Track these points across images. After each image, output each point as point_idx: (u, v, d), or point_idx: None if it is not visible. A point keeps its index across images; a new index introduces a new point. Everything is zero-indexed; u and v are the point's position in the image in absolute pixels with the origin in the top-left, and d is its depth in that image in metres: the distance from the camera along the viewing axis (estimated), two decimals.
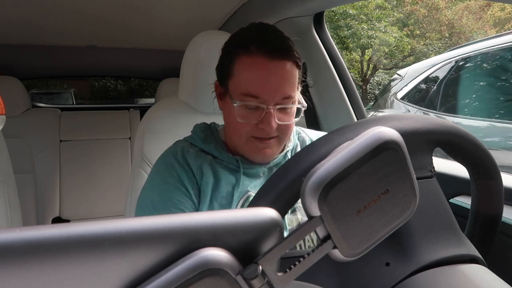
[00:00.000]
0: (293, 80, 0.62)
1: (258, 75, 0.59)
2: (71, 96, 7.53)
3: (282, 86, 0.60)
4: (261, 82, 0.59)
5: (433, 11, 10.87)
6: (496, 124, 1.98)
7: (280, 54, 0.60)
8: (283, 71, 0.60)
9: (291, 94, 0.61)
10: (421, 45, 10.80)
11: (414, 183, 0.28)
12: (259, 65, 0.59)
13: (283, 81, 0.60)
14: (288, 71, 0.60)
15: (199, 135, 0.69)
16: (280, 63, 0.60)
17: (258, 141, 0.63)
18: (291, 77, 0.61)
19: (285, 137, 0.65)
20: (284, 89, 0.60)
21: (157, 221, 0.20)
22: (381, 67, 11.21)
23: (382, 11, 9.96)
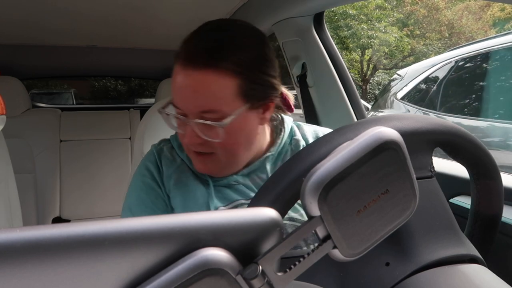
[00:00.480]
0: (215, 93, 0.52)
1: (176, 84, 0.54)
2: (71, 96, 7.54)
3: (198, 99, 0.52)
4: (178, 92, 0.54)
5: (433, 11, 10.87)
6: (496, 124, 1.99)
7: (196, 61, 0.52)
8: (199, 81, 0.52)
9: (213, 109, 0.52)
10: (421, 45, 10.81)
11: (414, 183, 0.28)
12: (177, 72, 0.54)
13: (199, 93, 0.52)
14: (208, 81, 0.52)
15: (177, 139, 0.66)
16: (198, 72, 0.52)
17: (193, 153, 0.58)
18: (211, 88, 0.52)
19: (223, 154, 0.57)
20: (199, 102, 0.52)
21: (157, 221, 0.20)
22: (381, 67, 11.22)
23: (382, 11, 9.97)
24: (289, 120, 0.69)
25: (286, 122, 0.68)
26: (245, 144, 0.59)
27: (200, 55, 0.52)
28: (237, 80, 0.53)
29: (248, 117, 0.56)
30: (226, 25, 0.58)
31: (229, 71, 0.52)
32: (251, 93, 0.54)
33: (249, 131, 0.58)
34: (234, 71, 0.52)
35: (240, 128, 0.56)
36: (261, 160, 0.62)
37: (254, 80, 0.55)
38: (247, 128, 0.57)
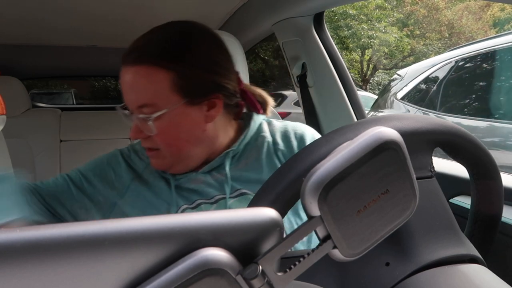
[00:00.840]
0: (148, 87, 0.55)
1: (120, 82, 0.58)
2: (71, 96, 7.54)
3: (132, 94, 0.56)
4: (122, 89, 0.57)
5: (433, 11, 10.87)
6: (496, 124, 1.99)
7: (128, 58, 0.56)
8: (133, 76, 0.55)
9: (146, 103, 0.55)
10: (421, 45, 10.81)
11: (414, 183, 0.28)
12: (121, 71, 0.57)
13: (132, 88, 0.56)
14: (139, 77, 0.55)
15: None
16: (131, 68, 0.55)
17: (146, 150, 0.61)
18: (143, 83, 0.55)
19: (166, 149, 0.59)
20: (133, 97, 0.56)
21: (157, 221, 0.20)
22: (381, 67, 11.22)
23: (382, 11, 9.97)
24: (258, 118, 0.69)
25: (254, 120, 0.68)
26: (189, 140, 0.59)
27: (133, 52, 0.56)
28: (170, 75, 0.55)
29: (188, 113, 0.57)
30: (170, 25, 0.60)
31: (161, 67, 0.54)
32: (188, 89, 0.56)
33: (190, 127, 0.59)
34: (166, 67, 0.55)
35: (178, 123, 0.57)
36: (220, 157, 0.63)
37: (191, 76, 0.56)
38: (187, 124, 0.58)
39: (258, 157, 0.63)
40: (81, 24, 1.35)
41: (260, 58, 7.09)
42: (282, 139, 0.66)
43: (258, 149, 0.65)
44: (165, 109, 0.55)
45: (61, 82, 8.89)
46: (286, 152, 0.64)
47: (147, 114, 0.55)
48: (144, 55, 0.56)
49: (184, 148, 0.60)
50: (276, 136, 0.66)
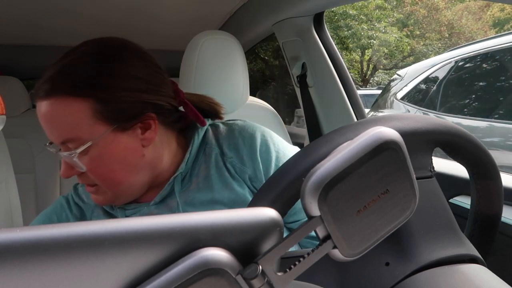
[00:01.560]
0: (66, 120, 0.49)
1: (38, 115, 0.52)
2: None
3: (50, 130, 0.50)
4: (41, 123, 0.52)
5: (433, 12, 10.88)
6: (496, 124, 1.99)
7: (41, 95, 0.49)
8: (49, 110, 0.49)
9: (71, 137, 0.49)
10: (420, 46, 10.81)
11: (414, 183, 0.28)
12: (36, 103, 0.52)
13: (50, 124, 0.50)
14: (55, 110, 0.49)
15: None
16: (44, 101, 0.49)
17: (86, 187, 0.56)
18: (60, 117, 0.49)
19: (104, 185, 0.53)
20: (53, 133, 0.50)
21: (157, 221, 0.20)
22: (381, 67, 11.23)
23: (382, 11, 9.97)
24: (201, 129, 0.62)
25: (198, 133, 0.61)
26: (128, 170, 0.53)
27: (45, 84, 0.49)
28: (89, 103, 0.49)
29: (119, 141, 0.51)
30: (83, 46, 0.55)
31: (76, 96, 0.49)
32: (113, 115, 0.50)
33: (125, 155, 0.52)
34: (82, 95, 0.49)
35: (110, 154, 0.51)
36: (169, 183, 0.57)
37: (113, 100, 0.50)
38: (120, 153, 0.52)
39: (207, 174, 0.59)
40: (81, 25, 1.35)
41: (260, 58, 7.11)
42: (230, 147, 0.60)
43: (207, 165, 0.59)
44: (90, 141, 0.49)
45: None
46: (236, 164, 0.59)
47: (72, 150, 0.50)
48: (56, 85, 0.49)
49: (123, 179, 0.53)
50: (224, 146, 0.61)
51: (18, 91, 1.70)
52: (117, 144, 0.52)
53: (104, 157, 0.51)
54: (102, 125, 0.50)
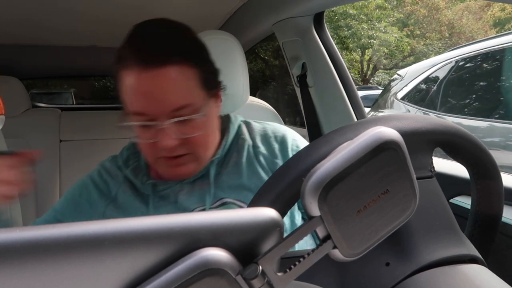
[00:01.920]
0: (184, 86, 0.51)
1: (136, 90, 0.51)
2: (71, 96, 7.54)
3: (167, 97, 0.50)
4: (141, 97, 0.51)
5: (433, 11, 10.87)
6: (496, 124, 1.99)
7: (155, 60, 0.50)
8: (163, 79, 0.50)
9: (186, 103, 0.51)
10: (421, 45, 10.81)
11: (414, 183, 0.28)
12: (134, 78, 0.50)
13: (168, 91, 0.50)
14: (174, 77, 0.50)
15: (123, 154, 0.65)
16: (160, 70, 0.50)
17: (167, 160, 0.55)
18: (179, 83, 0.51)
19: (199, 152, 0.56)
20: (171, 100, 0.51)
21: (157, 221, 0.20)
22: (381, 67, 11.22)
23: (382, 11, 9.97)
24: (236, 119, 0.66)
25: (232, 122, 0.65)
26: (213, 136, 0.58)
27: (157, 53, 0.50)
28: (196, 71, 0.53)
29: (211, 107, 0.56)
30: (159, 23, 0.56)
31: (187, 63, 0.52)
32: (208, 82, 0.55)
33: (213, 121, 0.58)
34: (190, 63, 0.52)
35: (209, 119, 0.56)
36: (206, 166, 0.60)
37: (207, 68, 0.55)
38: (213, 118, 0.57)
39: (238, 161, 0.61)
40: (81, 24, 1.35)
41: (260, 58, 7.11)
42: (262, 142, 0.63)
43: (239, 153, 0.62)
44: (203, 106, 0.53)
45: (61, 82, 8.89)
46: (267, 156, 0.62)
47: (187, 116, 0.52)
48: (172, 53, 0.51)
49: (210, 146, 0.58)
50: (256, 139, 0.64)
51: (18, 91, 1.70)
52: (211, 110, 0.56)
53: (207, 123, 0.55)
54: (203, 92, 0.54)
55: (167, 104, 0.51)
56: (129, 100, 0.53)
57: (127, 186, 0.61)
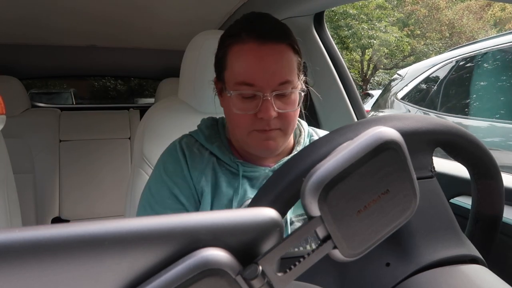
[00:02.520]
0: (289, 64, 0.59)
1: (250, 61, 0.57)
2: (70, 96, 7.53)
3: (277, 71, 0.57)
4: (254, 68, 0.57)
5: (434, 11, 10.87)
6: (497, 124, 1.98)
7: (271, 37, 0.57)
8: (277, 54, 0.57)
9: (289, 79, 0.58)
10: (421, 45, 10.80)
11: (415, 183, 0.28)
12: (251, 51, 0.57)
13: (278, 65, 0.57)
14: (283, 54, 0.58)
15: (203, 132, 0.67)
16: (273, 46, 0.57)
17: (260, 133, 0.59)
18: (286, 60, 0.58)
19: (288, 128, 0.61)
20: (280, 74, 0.57)
21: (157, 221, 0.20)
22: (381, 67, 11.22)
23: (383, 11, 9.96)
24: (304, 123, 0.72)
25: (303, 123, 0.71)
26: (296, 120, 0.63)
27: (275, 31, 0.58)
28: (296, 56, 0.60)
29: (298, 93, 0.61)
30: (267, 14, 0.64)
31: (293, 47, 0.60)
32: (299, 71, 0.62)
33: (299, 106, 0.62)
34: (295, 48, 0.60)
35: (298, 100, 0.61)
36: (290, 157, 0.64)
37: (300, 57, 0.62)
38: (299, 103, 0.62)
39: None
40: (80, 24, 1.35)
41: None
42: None
43: None
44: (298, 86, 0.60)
45: (61, 81, 8.88)
46: None
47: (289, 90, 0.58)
48: (284, 35, 0.59)
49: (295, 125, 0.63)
50: None
51: (17, 91, 1.70)
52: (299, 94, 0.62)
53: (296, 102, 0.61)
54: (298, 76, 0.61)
55: (276, 77, 0.57)
56: (240, 70, 0.58)
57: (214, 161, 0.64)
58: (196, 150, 0.65)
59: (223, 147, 0.65)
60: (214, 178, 0.63)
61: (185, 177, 0.63)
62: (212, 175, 0.63)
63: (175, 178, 0.63)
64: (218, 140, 0.66)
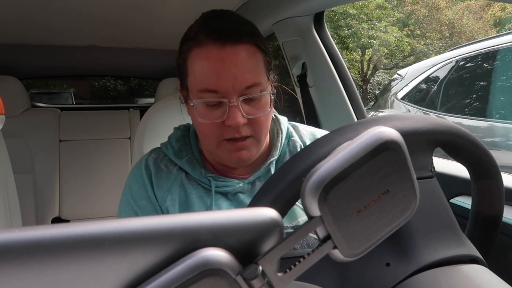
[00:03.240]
0: (256, 66, 0.54)
1: (211, 66, 0.52)
2: (70, 96, 7.53)
3: (241, 74, 0.52)
4: (216, 73, 0.52)
5: (434, 11, 10.87)
6: (497, 124, 1.98)
7: (232, 38, 0.52)
8: (240, 56, 0.52)
9: (256, 82, 0.53)
10: (421, 45, 10.80)
11: (415, 183, 0.28)
12: (210, 54, 0.52)
13: (242, 68, 0.52)
14: (247, 56, 0.53)
15: (173, 146, 0.63)
16: (235, 48, 0.52)
17: (230, 143, 0.55)
18: (252, 62, 0.53)
19: (260, 134, 0.56)
20: (245, 77, 0.52)
21: (157, 221, 0.20)
22: (381, 67, 11.21)
23: (383, 11, 9.96)
24: (284, 120, 0.67)
25: (282, 123, 0.65)
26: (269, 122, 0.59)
27: (236, 31, 0.53)
28: (262, 54, 0.56)
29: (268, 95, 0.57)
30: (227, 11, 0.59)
31: (257, 45, 0.55)
32: (268, 68, 0.57)
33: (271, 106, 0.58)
34: (260, 46, 0.55)
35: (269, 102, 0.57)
36: (265, 166, 0.60)
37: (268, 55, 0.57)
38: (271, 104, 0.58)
39: None
40: (80, 24, 1.35)
41: None
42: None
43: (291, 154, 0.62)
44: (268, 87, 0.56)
45: (61, 81, 8.88)
46: None
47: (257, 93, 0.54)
48: (247, 34, 0.54)
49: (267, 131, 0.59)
50: (307, 142, 0.64)
51: (17, 91, 1.70)
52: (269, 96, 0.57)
53: (267, 106, 0.56)
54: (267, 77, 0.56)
55: (241, 80, 0.52)
56: (201, 77, 0.53)
57: (184, 177, 0.60)
58: (164, 167, 0.61)
59: (194, 160, 0.61)
60: (183, 195, 0.59)
61: (149, 198, 0.59)
62: (181, 192, 0.59)
63: (139, 200, 0.60)
64: (188, 154, 0.62)
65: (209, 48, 0.52)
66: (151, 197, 0.59)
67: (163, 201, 0.59)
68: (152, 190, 0.60)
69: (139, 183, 0.61)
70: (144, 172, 0.61)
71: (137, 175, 0.62)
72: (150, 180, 0.60)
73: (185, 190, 0.59)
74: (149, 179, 0.60)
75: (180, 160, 0.61)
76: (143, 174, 0.61)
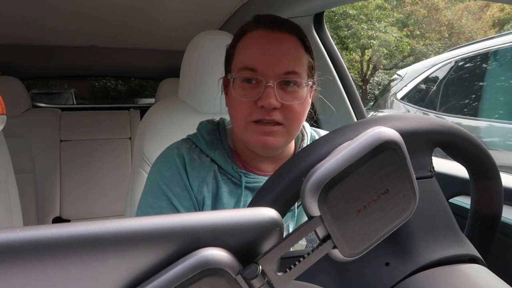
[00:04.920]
0: (298, 57, 0.57)
1: (257, 46, 0.56)
2: (71, 96, 7.53)
3: (282, 58, 0.55)
4: (259, 53, 0.55)
5: (433, 12, 10.87)
6: (496, 124, 1.99)
7: (281, 27, 0.57)
8: (284, 42, 0.56)
9: (295, 70, 0.56)
10: (420, 45, 10.80)
11: (414, 183, 0.28)
12: (258, 37, 0.56)
13: (284, 53, 0.55)
14: (292, 45, 0.57)
15: (205, 137, 0.63)
16: (281, 35, 0.56)
17: (258, 126, 0.55)
18: (295, 51, 0.57)
19: (291, 125, 0.57)
20: (285, 62, 0.55)
21: (157, 221, 0.20)
22: (381, 67, 11.22)
23: (382, 11, 9.96)
24: (307, 125, 0.69)
25: (306, 127, 0.68)
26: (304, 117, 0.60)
27: (287, 23, 0.58)
28: (307, 55, 0.59)
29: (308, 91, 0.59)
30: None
31: (304, 44, 0.59)
32: (310, 70, 0.60)
33: (307, 107, 0.60)
34: (306, 45, 0.59)
35: (307, 97, 0.59)
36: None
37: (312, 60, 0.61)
38: (308, 102, 0.60)
39: None
40: (81, 25, 1.35)
41: None
42: None
43: None
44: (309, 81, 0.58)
45: (61, 82, 8.87)
46: None
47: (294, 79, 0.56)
48: (295, 28, 0.58)
49: (300, 124, 0.59)
50: None
51: (18, 91, 1.70)
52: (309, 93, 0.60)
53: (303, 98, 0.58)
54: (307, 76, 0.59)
55: (280, 64, 0.55)
56: (245, 56, 0.57)
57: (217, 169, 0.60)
58: (196, 157, 0.61)
59: (225, 154, 0.61)
60: (215, 187, 0.59)
61: (185, 186, 0.59)
62: (214, 184, 0.59)
63: (173, 187, 0.59)
64: (220, 147, 0.62)
65: (259, 32, 0.57)
66: (187, 186, 0.59)
67: (200, 191, 0.59)
68: (187, 179, 0.59)
69: (172, 170, 0.60)
70: (177, 160, 0.60)
71: (169, 162, 0.60)
72: (184, 169, 0.60)
73: (217, 182, 0.59)
74: (184, 168, 0.60)
75: (213, 152, 0.61)
76: (177, 162, 0.60)
